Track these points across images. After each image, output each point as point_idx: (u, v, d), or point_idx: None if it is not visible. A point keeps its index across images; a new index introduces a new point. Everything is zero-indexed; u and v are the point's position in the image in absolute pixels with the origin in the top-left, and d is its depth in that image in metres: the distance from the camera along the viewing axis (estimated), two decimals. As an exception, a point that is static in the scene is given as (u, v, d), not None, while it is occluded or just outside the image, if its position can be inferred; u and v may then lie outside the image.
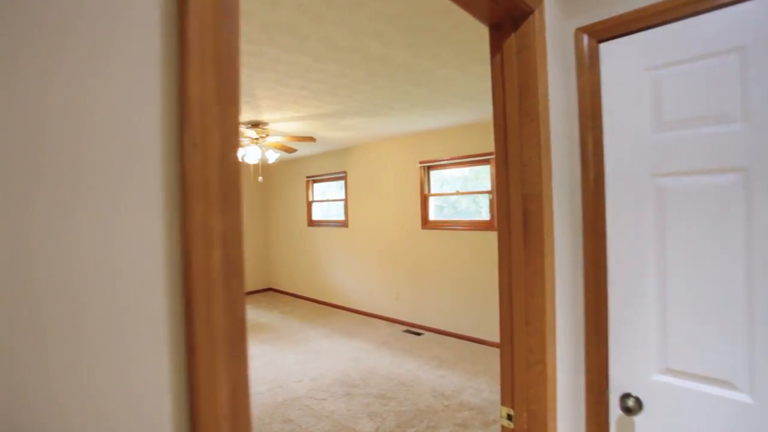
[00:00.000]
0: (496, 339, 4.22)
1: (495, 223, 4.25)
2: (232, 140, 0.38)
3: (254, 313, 6.09)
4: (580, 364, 1.20)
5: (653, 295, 1.08)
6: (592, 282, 1.19)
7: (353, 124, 4.31)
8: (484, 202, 4.51)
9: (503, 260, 1.13)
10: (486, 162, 4.38)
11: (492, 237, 4.28)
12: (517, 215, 1.08)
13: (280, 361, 4.11)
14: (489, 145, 4.27)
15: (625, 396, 1.13)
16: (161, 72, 0.37)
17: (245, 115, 3.71)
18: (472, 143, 4.47)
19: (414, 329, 5.07)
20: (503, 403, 1.14)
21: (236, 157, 0.38)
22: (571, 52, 1.25)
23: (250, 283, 7.49)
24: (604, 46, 1.19)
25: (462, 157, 4.55)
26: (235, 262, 0.38)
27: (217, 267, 0.36)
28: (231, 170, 0.38)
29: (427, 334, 4.88)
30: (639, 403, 1.11)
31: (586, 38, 1.21)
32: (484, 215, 4.50)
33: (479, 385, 3.45)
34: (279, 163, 7.37)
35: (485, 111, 3.87)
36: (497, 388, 3.36)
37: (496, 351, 4.13)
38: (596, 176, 1.21)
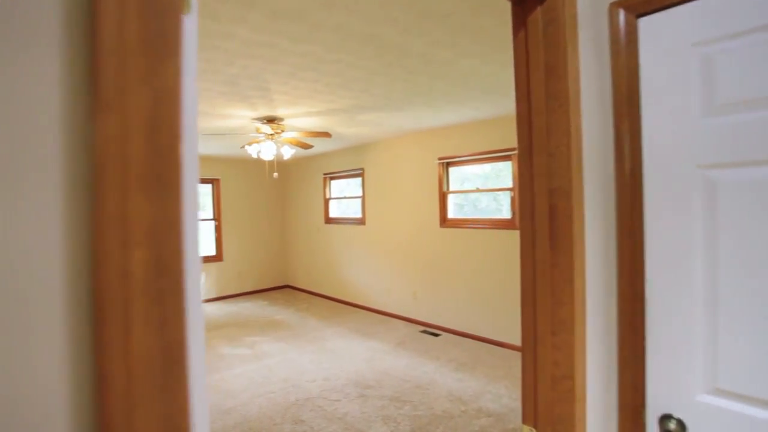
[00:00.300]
0: (517, 342, 4.07)
1: (516, 221, 4.08)
2: (168, 104, 0.28)
3: (270, 310, 6.08)
4: (613, 380, 1.06)
5: (701, 304, 0.94)
6: (628, 288, 1.05)
7: (370, 120, 4.22)
8: (506, 199, 4.34)
9: (526, 262, 1.01)
10: (507, 158, 4.21)
11: (513, 236, 4.12)
12: (543, 212, 0.96)
13: (294, 360, 4.06)
14: (510, 140, 4.11)
15: (665, 417, 1.00)
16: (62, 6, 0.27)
17: (260, 110, 3.66)
18: (492, 139, 4.31)
19: (431, 330, 4.95)
20: (525, 421, 1.03)
21: (177, 128, 0.29)
22: (604, 29, 1.11)
23: (268, 280, 7.51)
24: (643, 22, 1.05)
25: (482, 153, 4.39)
26: (170, 267, 0.28)
27: (140, 272, 0.27)
28: (167, 144, 0.28)
29: (444, 335, 4.76)
30: (682, 426, 0.98)
31: (622, 13, 1.08)
32: (505, 213, 4.33)
33: (499, 391, 3.31)
34: (296, 160, 7.36)
35: (507, 105, 3.71)
36: (517, 394, 3.22)
37: (517, 355, 3.98)
38: (633, 169, 1.07)
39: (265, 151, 4.06)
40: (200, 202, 5.87)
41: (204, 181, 6.78)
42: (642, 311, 1.04)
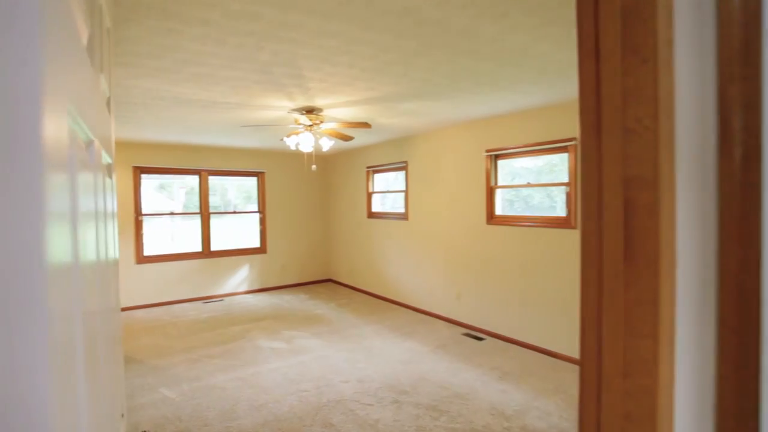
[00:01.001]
0: (572, 353, 3.69)
1: (572, 219, 3.68)
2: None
3: (310, 304, 6.06)
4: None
5: None
6: (734, 317, 0.77)
7: (412, 109, 3.99)
8: (560, 196, 3.94)
9: (589, 276, 0.75)
10: (563, 150, 3.81)
11: (569, 236, 3.73)
12: (614, 209, 0.70)
13: (329, 358, 3.96)
14: (567, 130, 3.70)
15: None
16: None
17: (298, 100, 3.55)
18: (546, 129, 3.92)
19: (475, 333, 4.65)
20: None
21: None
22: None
23: (310, 273, 7.53)
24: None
25: (534, 145, 4.01)
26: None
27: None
28: None
29: (489, 339, 4.45)
30: None
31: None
32: (560, 211, 3.94)
33: (547, 407, 2.99)
34: (340, 153, 7.27)
35: (563, 89, 3.32)
36: (569, 413, 2.88)
37: (571, 367, 3.60)
38: (746, 154, 0.78)
39: (304, 142, 3.96)
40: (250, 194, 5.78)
41: (249, 174, 6.88)
42: (756, 350, 0.75)
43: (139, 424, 2.79)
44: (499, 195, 4.55)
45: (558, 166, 4.05)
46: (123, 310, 5.74)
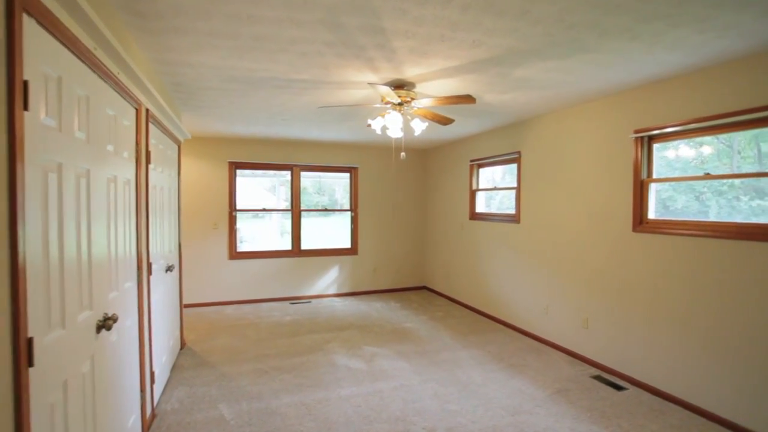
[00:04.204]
0: None
1: (794, 230, 2.34)
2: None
3: (401, 315, 5.37)
4: None
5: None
6: None
7: (530, 77, 3.02)
8: (765, 190, 2.60)
9: None
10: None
11: (784, 255, 2.39)
12: None
13: (414, 389, 3.20)
14: (788, 89, 2.37)
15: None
16: None
17: (383, 73, 2.86)
18: (750, 90, 2.61)
19: (611, 378, 3.46)
20: None
21: None
22: None
23: (404, 279, 6.86)
24: None
25: (719, 117, 2.72)
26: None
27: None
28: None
29: (632, 390, 3.24)
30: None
31: None
32: (765, 214, 2.59)
33: None
34: (438, 145, 6.47)
35: (794, 19, 2.06)
36: None
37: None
38: None
39: (392, 124, 3.27)
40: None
41: (341, 169, 6.48)
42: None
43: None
44: (654, 191, 3.29)
45: (751, 148, 2.70)
46: (214, 305, 5.75)
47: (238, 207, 5.90)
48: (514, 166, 4.86)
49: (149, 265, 2.63)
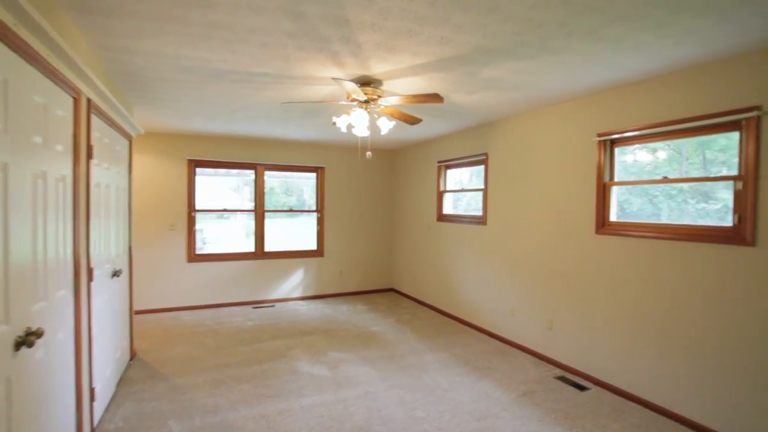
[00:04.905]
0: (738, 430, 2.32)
1: (748, 232, 2.42)
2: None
3: (368, 318, 5.26)
4: None
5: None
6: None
7: (500, 77, 2.99)
8: (726, 195, 2.68)
9: None
10: (729, 127, 2.56)
11: (741, 256, 2.46)
12: None
13: (379, 396, 3.10)
14: (743, 96, 2.45)
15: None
16: None
17: (349, 68, 2.75)
18: (701, 98, 2.68)
19: (574, 378, 3.49)
20: None
21: None
22: None
23: (371, 281, 6.76)
24: None
25: (677, 122, 2.79)
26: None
27: None
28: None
29: (595, 390, 3.28)
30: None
31: None
32: (723, 218, 2.67)
33: None
34: (406, 146, 6.42)
35: (744, 26, 2.12)
36: None
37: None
38: None
39: (357, 122, 3.16)
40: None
41: (307, 169, 6.31)
42: None
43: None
44: (616, 194, 3.35)
45: (718, 153, 2.79)
46: (170, 311, 5.43)
47: (197, 207, 5.61)
48: (482, 167, 4.86)
49: (90, 271, 2.39)
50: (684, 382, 2.76)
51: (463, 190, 5.37)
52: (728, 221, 2.59)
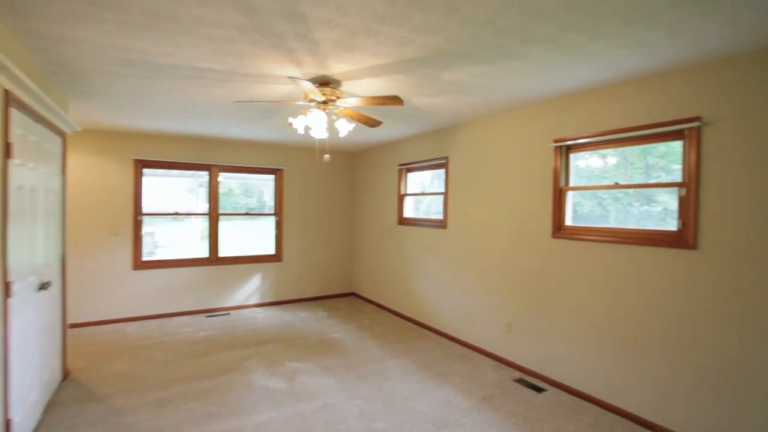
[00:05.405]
0: (677, 427, 2.42)
1: (691, 236, 2.53)
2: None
3: (327, 324, 5.12)
4: None
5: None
6: None
7: (460, 81, 2.97)
8: (669, 201, 2.79)
9: None
10: (675, 135, 2.67)
11: (685, 259, 2.57)
12: None
13: (338, 408, 2.98)
14: (686, 107, 2.57)
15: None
16: None
17: (306, 67, 2.63)
18: (649, 108, 2.79)
19: (532, 380, 3.54)
20: None
21: None
22: None
23: (331, 286, 6.61)
24: None
25: (627, 131, 2.89)
26: None
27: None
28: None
29: (551, 391, 3.33)
30: None
31: None
32: (668, 222, 2.78)
33: None
34: (367, 149, 6.34)
35: (691, 39, 2.21)
36: None
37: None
38: None
39: (315, 124, 3.03)
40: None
41: (265, 171, 6.08)
42: None
43: None
44: (572, 200, 3.43)
45: (662, 159, 2.91)
46: (113, 322, 5.03)
47: (145, 211, 5.24)
48: (442, 171, 4.87)
49: (7, 285, 2.12)
50: (636, 382, 2.85)
51: (423, 193, 5.36)
52: (669, 223, 2.71)
